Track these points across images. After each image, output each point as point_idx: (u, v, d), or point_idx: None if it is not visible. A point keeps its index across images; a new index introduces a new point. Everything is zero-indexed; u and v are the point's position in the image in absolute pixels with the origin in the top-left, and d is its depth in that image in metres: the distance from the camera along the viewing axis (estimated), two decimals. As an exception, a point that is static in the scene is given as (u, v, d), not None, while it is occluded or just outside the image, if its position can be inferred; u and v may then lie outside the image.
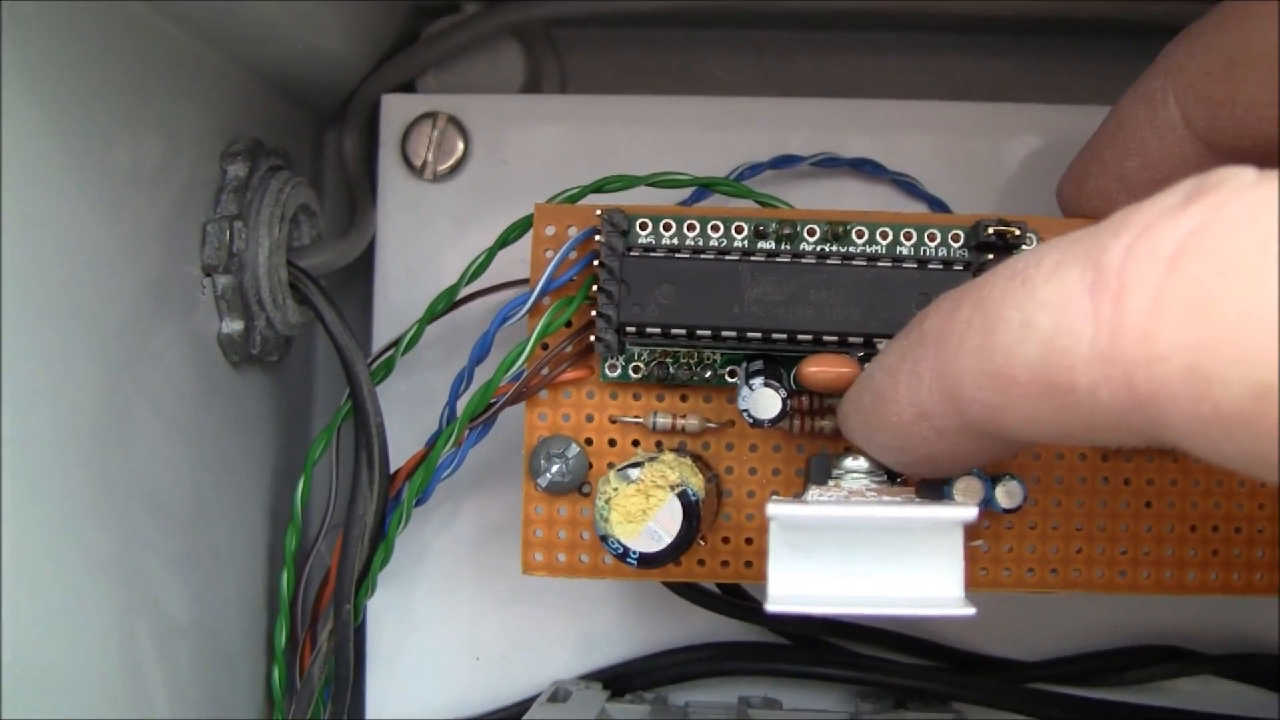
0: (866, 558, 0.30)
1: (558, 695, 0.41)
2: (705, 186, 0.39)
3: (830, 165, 0.42)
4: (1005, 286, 0.24)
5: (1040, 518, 0.37)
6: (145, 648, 0.37)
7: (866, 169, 0.42)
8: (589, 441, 0.37)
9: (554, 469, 0.37)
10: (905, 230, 0.36)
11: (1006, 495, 0.35)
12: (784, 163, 0.42)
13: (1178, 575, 0.37)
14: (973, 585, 0.37)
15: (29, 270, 0.30)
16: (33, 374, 0.31)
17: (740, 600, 0.41)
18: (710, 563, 0.37)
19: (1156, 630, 0.43)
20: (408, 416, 0.42)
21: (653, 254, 0.35)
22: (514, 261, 0.39)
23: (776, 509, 0.29)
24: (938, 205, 0.42)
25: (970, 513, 0.29)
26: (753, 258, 0.35)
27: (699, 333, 0.35)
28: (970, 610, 0.29)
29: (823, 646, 0.42)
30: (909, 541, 0.30)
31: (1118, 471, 0.37)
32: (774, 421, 0.34)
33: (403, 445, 0.40)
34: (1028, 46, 0.46)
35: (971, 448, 0.28)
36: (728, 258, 0.35)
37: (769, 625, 0.42)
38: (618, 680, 0.42)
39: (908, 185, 0.42)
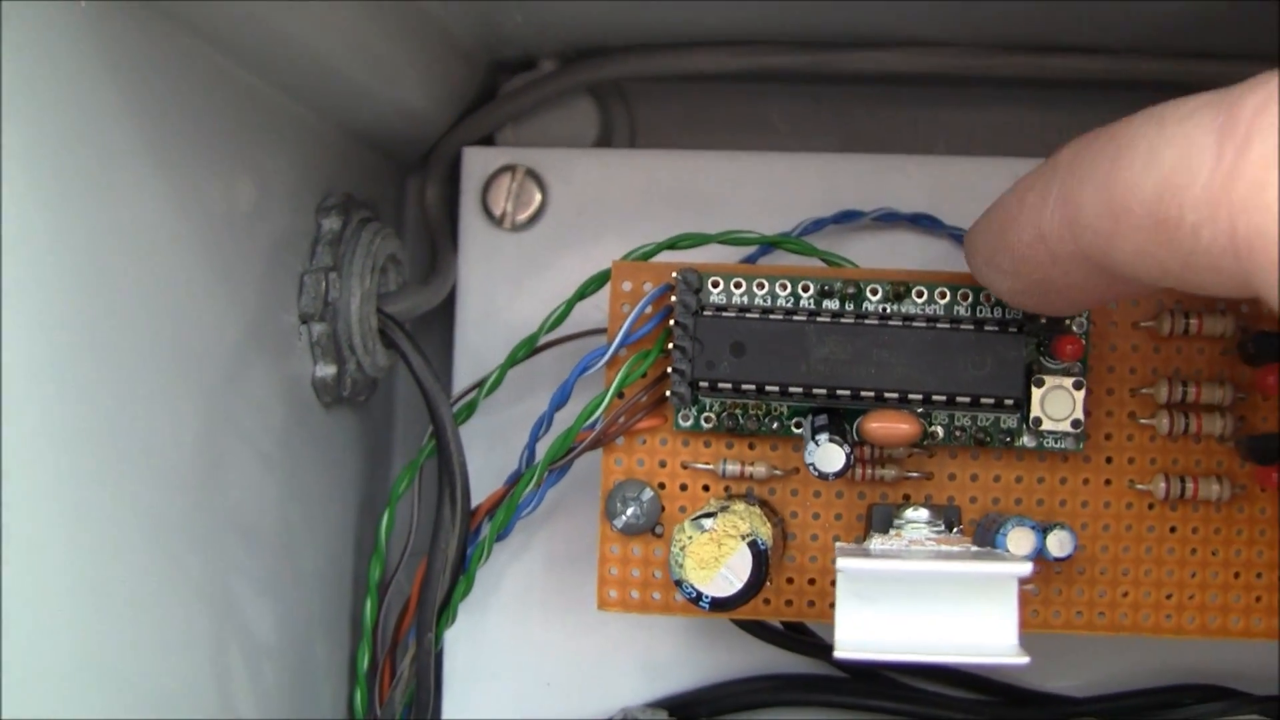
0: (927, 607, 0.32)
1: (625, 720, 0.43)
2: (772, 244, 0.41)
3: (889, 220, 0.44)
4: (1141, 122, 0.25)
5: (1089, 563, 0.39)
6: (235, 666, 0.40)
7: (924, 224, 0.44)
8: (662, 486, 0.39)
9: (629, 511, 0.39)
10: (962, 291, 0.38)
11: (1058, 544, 0.37)
12: (846, 218, 0.44)
13: (1221, 620, 0.39)
14: (1024, 626, 0.38)
15: (139, 315, 0.33)
16: (137, 412, 0.33)
17: (802, 636, 0.43)
18: (775, 601, 0.39)
19: (1204, 670, 0.45)
20: (486, 454, 0.44)
21: (724, 313, 0.37)
22: (588, 308, 0.41)
23: (846, 563, 0.32)
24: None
25: (1024, 568, 0.31)
26: (819, 318, 0.37)
27: (768, 388, 0.37)
28: (1024, 659, 0.31)
29: (879, 680, 0.44)
30: (967, 592, 0.32)
31: (1164, 519, 0.39)
32: (838, 475, 0.36)
33: (481, 481, 0.42)
34: (1083, 101, 0.48)
35: (1080, 278, 0.29)
36: (795, 318, 0.37)
37: (834, 664, 0.44)
38: (683, 708, 0.45)
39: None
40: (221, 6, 0.34)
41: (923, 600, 0.32)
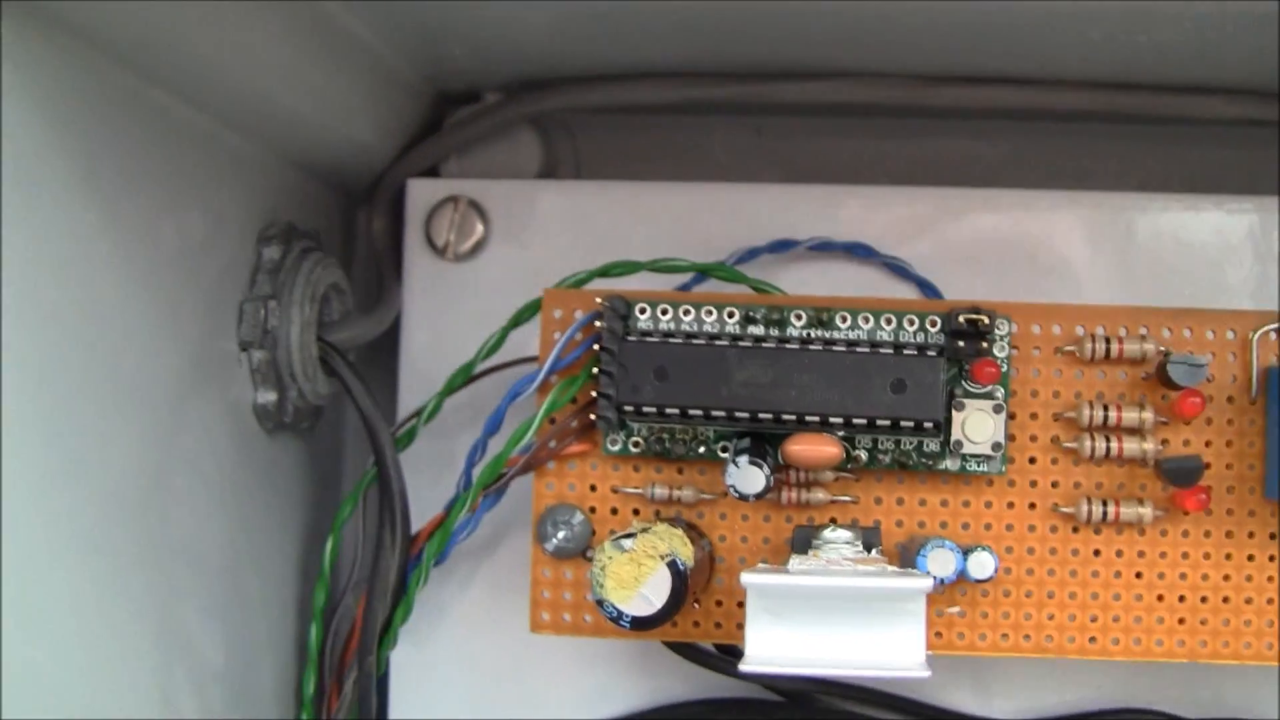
0: (837, 622, 0.33)
1: (564, 745, 0.44)
2: (702, 272, 0.42)
3: (824, 249, 0.45)
4: None
5: (1014, 586, 0.39)
6: (182, 691, 0.41)
7: (859, 253, 0.45)
8: (593, 510, 0.40)
9: (560, 535, 0.40)
10: (886, 316, 0.39)
11: (978, 566, 0.38)
12: (780, 247, 0.45)
13: (1146, 642, 0.39)
14: (950, 649, 0.40)
15: (81, 346, 0.34)
16: (82, 439, 0.34)
17: (734, 658, 0.44)
18: (705, 624, 0.40)
19: (1140, 694, 0.45)
20: (431, 481, 0.44)
21: (649, 339, 0.38)
22: (530, 337, 0.42)
23: (749, 578, 0.32)
24: (927, 287, 0.45)
25: (925, 583, 0.32)
26: (741, 343, 0.38)
27: (691, 412, 0.38)
28: (927, 673, 0.32)
29: (813, 703, 0.44)
30: (876, 609, 0.33)
31: (1087, 542, 0.39)
32: (758, 496, 0.37)
33: (426, 508, 0.42)
34: (1021, 132, 0.48)
35: None
36: (717, 343, 0.38)
37: (762, 683, 0.44)
38: (622, 732, 0.45)
39: (898, 268, 0.45)
40: (156, 44, 0.35)
41: (832, 616, 0.33)
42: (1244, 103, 0.44)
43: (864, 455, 0.39)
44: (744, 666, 0.32)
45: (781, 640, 0.33)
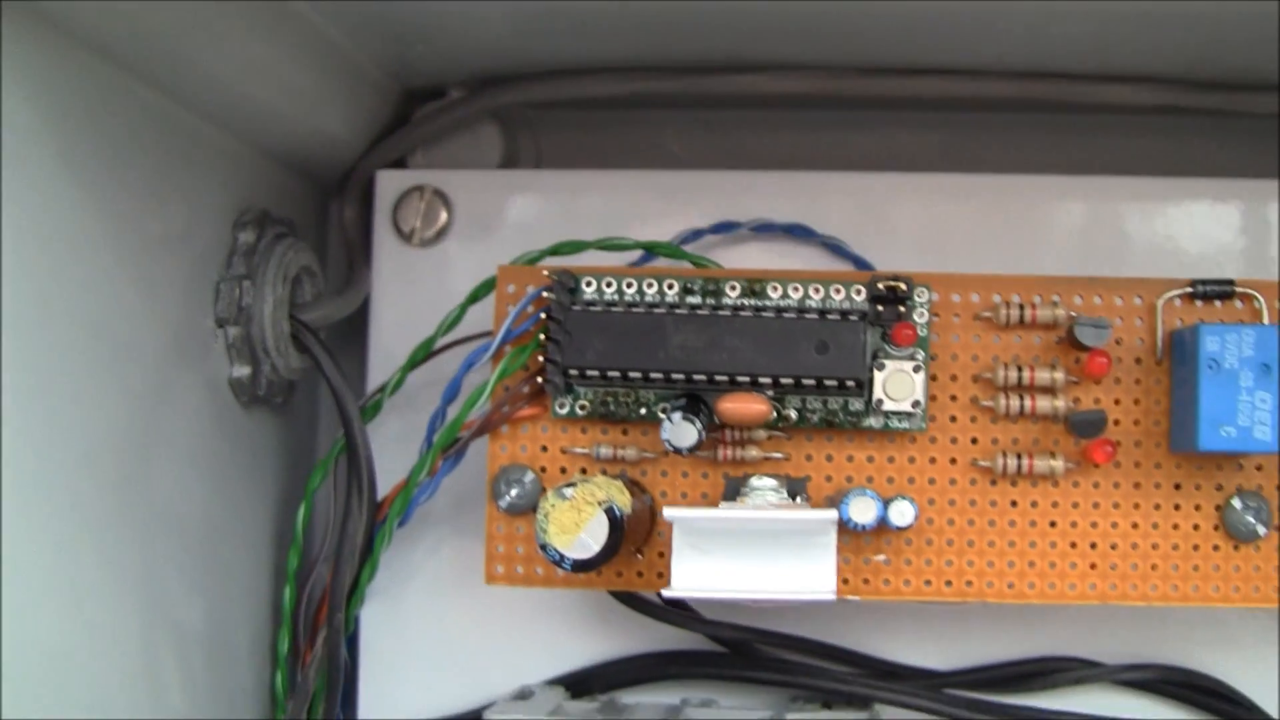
0: (754, 553, 0.36)
1: (522, 695, 0.46)
2: (647, 249, 0.45)
3: (765, 230, 0.48)
4: None
5: (936, 535, 0.42)
6: (163, 651, 0.43)
7: (798, 233, 0.48)
8: (543, 469, 0.43)
9: (513, 492, 0.43)
10: (813, 286, 0.42)
11: (899, 514, 0.41)
12: (723, 229, 0.48)
13: (1060, 586, 0.42)
14: (877, 594, 0.42)
15: (70, 324, 0.37)
16: (68, 412, 0.37)
17: (680, 610, 0.47)
18: (648, 574, 0.43)
19: (1063, 643, 0.48)
20: (401, 453, 0.47)
21: (593, 308, 0.41)
22: (490, 316, 0.45)
23: (672, 512, 0.35)
24: (862, 264, 0.48)
25: (831, 515, 0.35)
26: (677, 310, 0.41)
27: (631, 374, 0.41)
28: (833, 596, 0.35)
29: (755, 654, 0.47)
30: (790, 541, 0.36)
31: (1005, 494, 0.42)
32: (691, 450, 0.40)
33: (393, 476, 0.45)
34: (950, 122, 0.52)
35: None
36: (656, 311, 0.41)
37: (706, 634, 0.47)
38: (578, 684, 0.48)
39: (835, 247, 0.48)
40: (144, 43, 0.38)
41: (750, 548, 0.36)
42: (1152, 90, 0.47)
43: (794, 414, 0.42)
44: (664, 591, 0.35)
45: (703, 569, 0.36)
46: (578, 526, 0.38)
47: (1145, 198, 0.48)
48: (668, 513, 0.36)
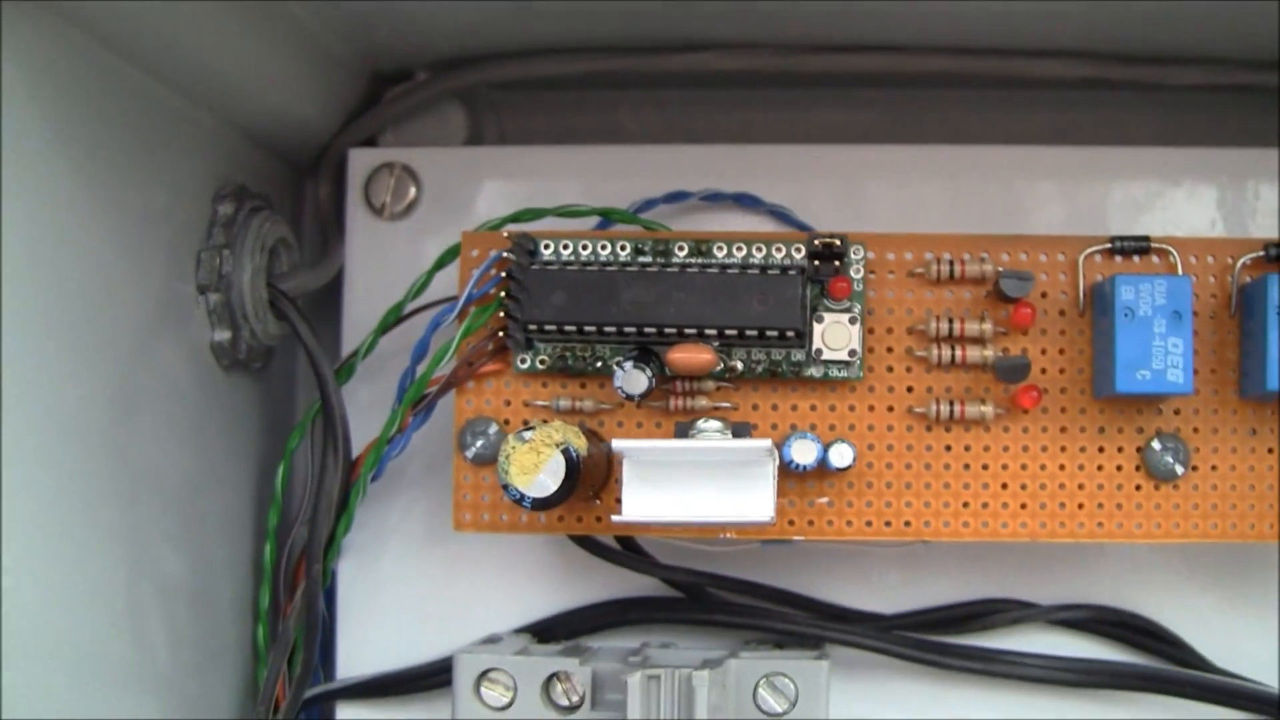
0: (698, 483, 0.39)
1: (491, 640, 0.49)
2: (603, 215, 0.48)
3: (715, 200, 0.51)
4: None
5: (875, 478, 0.45)
6: (149, 607, 0.46)
7: (746, 202, 0.51)
8: (506, 421, 0.46)
9: (478, 444, 0.46)
10: (756, 245, 0.44)
11: (838, 455, 0.44)
12: (675, 198, 0.51)
13: (992, 524, 0.45)
14: (821, 535, 0.45)
15: (59, 292, 0.40)
16: (57, 376, 0.40)
17: (639, 555, 0.49)
18: (605, 519, 0.45)
19: (999, 585, 0.51)
20: (375, 414, 0.49)
21: (550, 267, 0.44)
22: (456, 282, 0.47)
23: (620, 444, 0.38)
24: (808, 230, 0.51)
25: (765, 443, 0.38)
26: (629, 268, 0.44)
27: (586, 329, 0.43)
28: (770, 519, 0.38)
29: (710, 598, 0.50)
30: (731, 471, 0.39)
31: (939, 439, 0.45)
32: (643, 396, 0.43)
33: (367, 437, 0.48)
34: (891, 98, 0.55)
35: None
36: (608, 269, 0.44)
37: (662, 578, 0.50)
38: (544, 632, 0.50)
39: (782, 214, 0.51)
40: (128, 21, 0.41)
41: (694, 479, 0.39)
42: (1081, 64, 0.50)
43: (740, 365, 0.44)
44: (615, 518, 0.38)
45: (651, 499, 0.39)
46: (537, 467, 0.41)
47: (1071, 167, 0.51)
48: (616, 444, 0.38)
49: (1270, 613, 0.51)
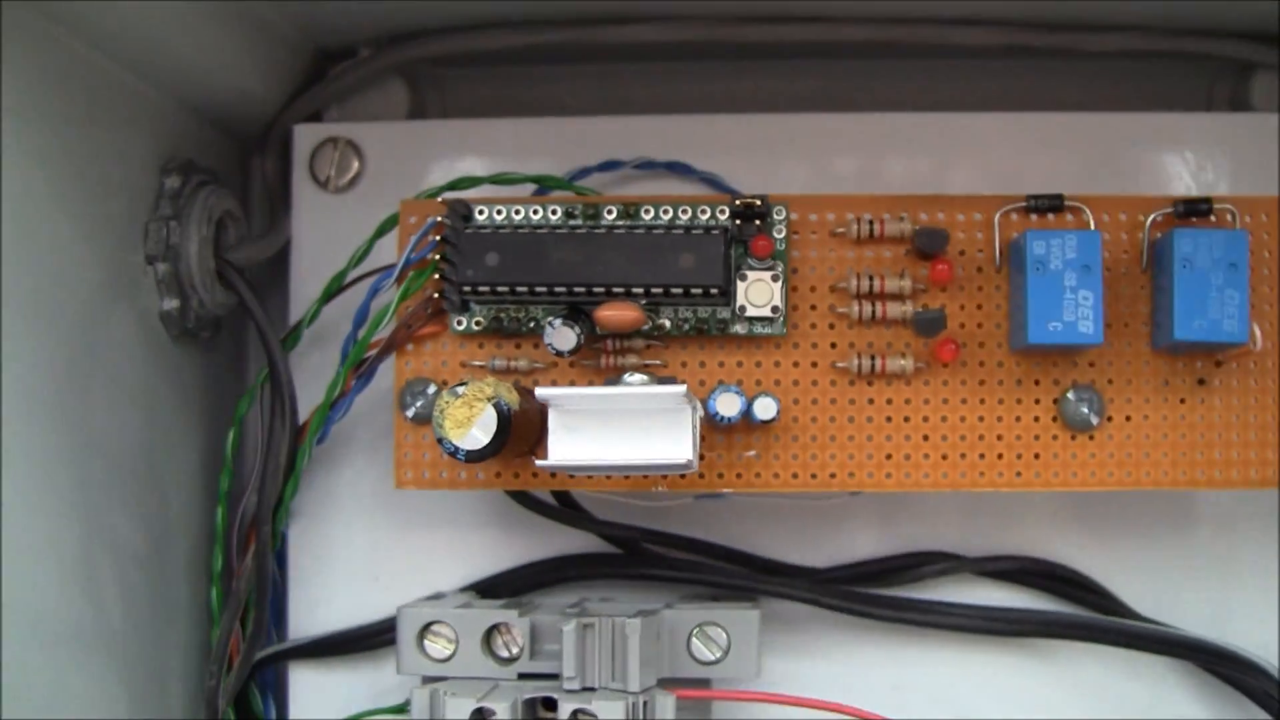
0: (620, 430, 0.40)
1: (436, 598, 0.51)
2: (536, 182, 0.50)
3: (648, 168, 0.53)
4: None
5: (801, 431, 0.47)
6: (103, 570, 0.47)
7: (679, 169, 0.52)
8: (444, 382, 0.47)
9: (418, 403, 0.47)
10: (682, 207, 0.46)
11: (762, 408, 0.45)
12: (609, 166, 0.52)
13: (914, 475, 0.47)
14: (749, 487, 0.47)
15: (11, 263, 0.41)
16: (8, 344, 0.41)
17: (574, 510, 0.51)
18: (541, 475, 0.47)
19: (928, 539, 0.52)
20: (322, 381, 0.50)
21: (483, 230, 0.45)
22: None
23: (543, 391, 0.40)
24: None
25: (680, 388, 0.39)
26: (559, 231, 0.45)
27: (518, 289, 0.45)
28: (689, 464, 0.39)
29: (646, 554, 0.52)
30: (652, 419, 0.40)
31: (861, 392, 0.47)
32: (572, 352, 0.44)
33: (315, 402, 0.49)
34: (831, 69, 0.56)
35: None
36: (539, 231, 0.45)
37: (598, 532, 0.51)
38: (487, 590, 0.52)
39: (714, 181, 0.52)
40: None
41: (617, 426, 0.40)
42: (1000, 31, 0.52)
43: (668, 324, 0.46)
44: (541, 462, 0.40)
45: (575, 445, 0.40)
46: (470, 421, 0.42)
47: (993, 133, 0.53)
48: (540, 392, 0.40)
49: (1189, 559, 0.52)
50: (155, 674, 0.50)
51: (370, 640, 0.52)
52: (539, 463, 0.40)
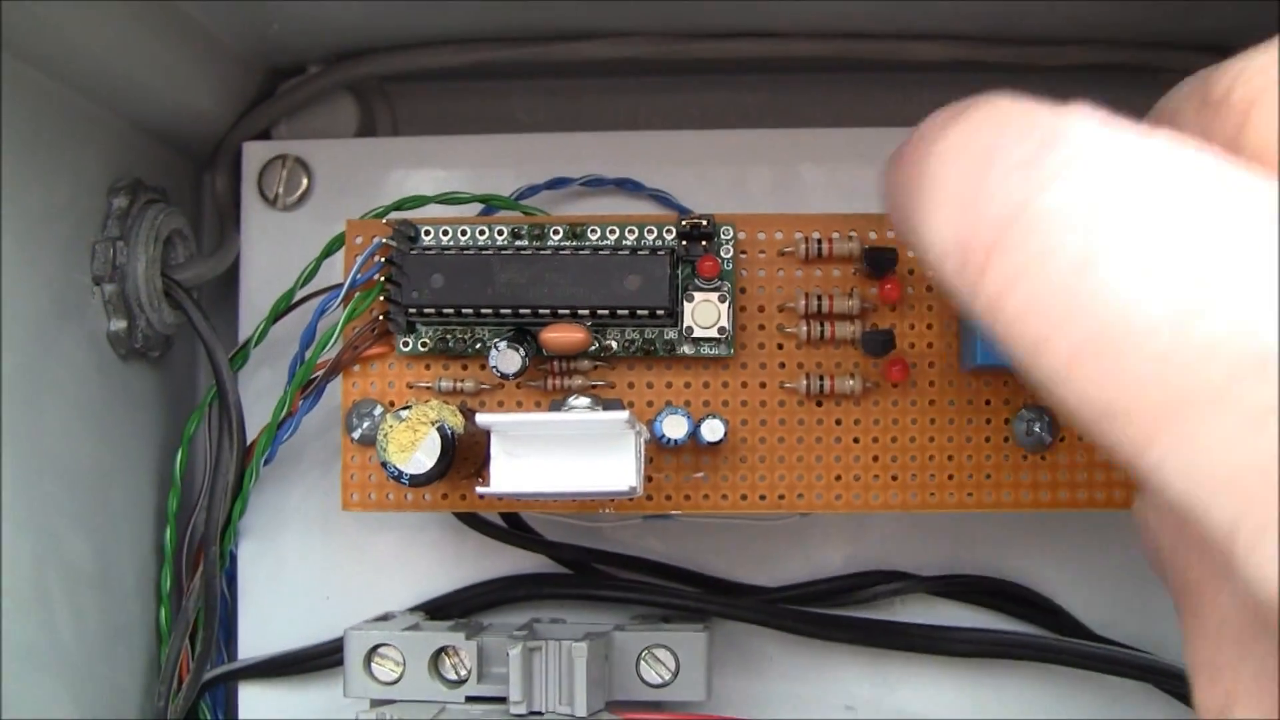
0: (562, 455, 0.40)
1: (384, 618, 0.50)
2: (484, 202, 0.49)
3: (597, 185, 0.52)
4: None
5: (749, 452, 0.46)
6: (54, 590, 0.47)
7: (628, 186, 0.52)
8: (391, 403, 0.47)
9: (364, 425, 0.47)
10: (629, 227, 0.46)
11: (710, 430, 0.45)
12: (557, 184, 0.52)
13: (864, 496, 0.46)
14: (697, 508, 0.46)
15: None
16: None
17: (523, 532, 0.51)
18: (489, 497, 0.47)
19: (882, 558, 0.52)
20: (271, 401, 0.50)
21: (428, 252, 0.45)
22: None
23: (484, 418, 0.39)
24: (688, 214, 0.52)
25: (623, 414, 0.39)
26: (504, 252, 0.45)
27: (464, 311, 0.45)
28: (632, 490, 0.39)
29: (597, 574, 0.51)
30: (594, 444, 0.40)
31: (811, 413, 0.46)
32: (517, 375, 0.44)
33: (262, 423, 0.49)
34: (775, 83, 0.56)
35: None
36: (484, 252, 0.45)
37: (548, 554, 0.51)
38: (436, 611, 0.52)
39: (663, 199, 0.52)
40: (21, 19, 0.42)
41: (559, 451, 0.40)
42: (952, 46, 0.52)
43: (614, 345, 0.46)
44: (479, 489, 0.40)
45: (517, 471, 0.40)
46: (414, 445, 0.42)
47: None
48: (480, 418, 0.40)
49: (1144, 577, 0.52)
50: (106, 693, 0.50)
51: (320, 660, 0.52)
52: (480, 490, 0.40)
